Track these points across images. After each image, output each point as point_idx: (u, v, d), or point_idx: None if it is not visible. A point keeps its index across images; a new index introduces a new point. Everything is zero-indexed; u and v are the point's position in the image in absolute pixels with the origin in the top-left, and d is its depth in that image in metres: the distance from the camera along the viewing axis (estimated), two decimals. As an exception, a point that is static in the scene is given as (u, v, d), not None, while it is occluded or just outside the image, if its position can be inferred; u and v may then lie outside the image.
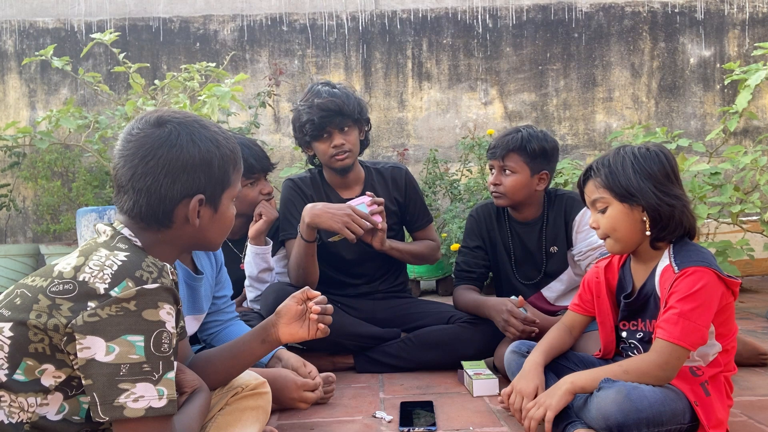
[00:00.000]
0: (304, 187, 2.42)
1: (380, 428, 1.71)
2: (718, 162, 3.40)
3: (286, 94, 4.82)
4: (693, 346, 1.42)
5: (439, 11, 4.85)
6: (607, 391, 1.41)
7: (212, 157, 1.18)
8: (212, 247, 1.29)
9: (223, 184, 1.22)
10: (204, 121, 1.22)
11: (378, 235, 2.19)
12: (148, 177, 1.14)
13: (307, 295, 1.44)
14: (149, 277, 1.05)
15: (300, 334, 1.43)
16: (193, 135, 1.17)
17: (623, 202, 1.51)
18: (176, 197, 1.16)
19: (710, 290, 1.42)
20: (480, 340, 2.24)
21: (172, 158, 1.14)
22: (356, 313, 2.35)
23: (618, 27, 4.87)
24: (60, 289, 1.04)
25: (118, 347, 1.01)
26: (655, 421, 1.38)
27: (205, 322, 1.98)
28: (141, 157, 1.14)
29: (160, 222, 1.17)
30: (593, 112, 4.88)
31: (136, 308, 1.02)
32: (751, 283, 4.10)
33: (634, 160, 1.50)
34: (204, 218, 1.21)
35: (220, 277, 2.00)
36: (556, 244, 2.25)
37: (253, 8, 4.82)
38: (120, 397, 1.00)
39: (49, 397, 1.06)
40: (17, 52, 4.74)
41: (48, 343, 1.04)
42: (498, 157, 2.19)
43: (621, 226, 1.53)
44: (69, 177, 4.51)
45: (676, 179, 1.53)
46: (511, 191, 2.19)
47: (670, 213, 1.48)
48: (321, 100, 2.24)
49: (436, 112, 4.86)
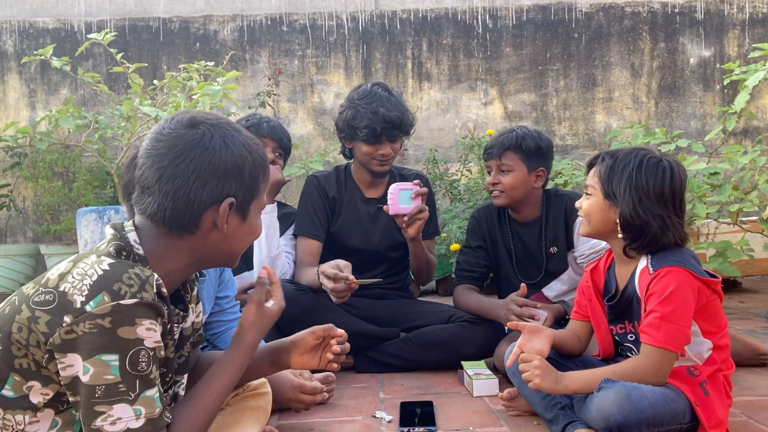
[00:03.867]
0: (327, 186, 2.45)
1: (380, 428, 1.71)
2: (717, 162, 3.40)
3: (286, 94, 4.82)
4: (678, 347, 1.44)
5: (439, 11, 4.85)
6: (607, 392, 1.41)
7: (245, 162, 1.13)
8: (232, 259, 1.23)
9: (253, 191, 1.17)
10: (237, 126, 1.17)
11: (417, 224, 2.20)
12: (177, 179, 1.08)
13: (329, 333, 1.39)
14: (128, 291, 1.00)
15: (311, 364, 1.39)
16: (227, 138, 1.12)
17: (605, 198, 1.55)
18: (205, 202, 1.11)
19: (685, 290, 1.44)
20: (480, 340, 2.24)
21: (204, 161, 1.09)
22: (356, 312, 2.35)
23: (618, 27, 4.87)
24: (41, 299, 1.01)
25: (93, 368, 0.97)
26: (656, 421, 1.38)
27: (209, 322, 1.98)
28: (172, 158, 1.09)
29: (185, 227, 1.12)
30: (593, 113, 4.88)
31: (111, 325, 0.97)
32: (751, 283, 4.10)
33: (636, 168, 1.51)
34: (232, 226, 1.15)
35: (223, 277, 2.01)
36: (556, 244, 2.26)
37: (253, 8, 4.82)
38: (97, 420, 0.97)
39: (38, 415, 1.03)
40: (17, 52, 4.74)
41: (31, 359, 1.01)
42: (495, 157, 2.21)
43: (596, 217, 1.58)
44: (69, 177, 4.51)
45: (674, 199, 1.52)
46: (510, 189, 2.20)
47: (641, 228, 1.49)
48: (386, 111, 2.28)
49: (436, 112, 4.86)
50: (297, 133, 4.78)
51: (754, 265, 3.76)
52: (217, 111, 3.98)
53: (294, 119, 4.83)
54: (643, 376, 1.44)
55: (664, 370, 1.44)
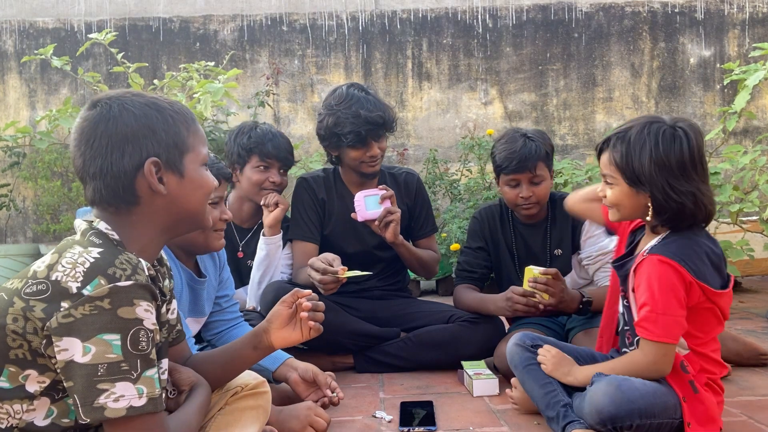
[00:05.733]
0: (316, 187, 2.44)
1: (380, 428, 1.71)
2: (717, 162, 3.40)
3: (286, 94, 4.82)
4: (675, 338, 1.43)
5: (439, 11, 4.85)
6: (599, 384, 1.44)
7: (152, 121, 1.15)
8: (197, 220, 1.23)
9: (178, 147, 1.17)
10: (141, 93, 1.19)
11: (391, 226, 2.20)
12: (97, 158, 1.12)
13: (297, 296, 1.38)
14: (122, 274, 1.02)
15: (293, 337, 1.38)
16: (125, 104, 1.14)
17: (631, 186, 1.48)
18: (130, 170, 1.12)
19: (672, 280, 1.42)
20: (480, 339, 2.24)
21: (111, 132, 1.12)
22: (356, 313, 2.35)
23: (618, 27, 4.87)
24: (34, 290, 1.02)
25: (95, 347, 0.99)
26: (647, 412, 1.39)
27: (210, 322, 1.98)
28: (85, 142, 1.13)
29: (124, 200, 1.14)
30: (593, 112, 4.88)
31: (111, 306, 1.00)
32: (751, 283, 4.09)
33: (654, 146, 1.44)
34: (171, 185, 1.16)
35: (222, 276, 2.01)
36: (561, 246, 2.25)
37: (253, 8, 4.82)
38: (100, 398, 0.98)
39: (35, 403, 1.05)
40: (17, 52, 4.74)
41: (27, 348, 1.02)
42: (530, 170, 2.13)
43: (625, 204, 1.52)
44: (69, 177, 4.50)
45: (696, 166, 1.45)
46: (544, 198, 2.20)
47: (677, 209, 1.45)
48: (368, 113, 2.24)
49: (436, 112, 4.86)
50: (297, 133, 4.78)
51: (754, 265, 3.76)
52: (218, 110, 3.98)
53: (294, 119, 4.83)
54: (642, 370, 1.44)
55: (665, 362, 1.44)
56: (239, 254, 2.49)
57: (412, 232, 2.51)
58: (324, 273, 1.98)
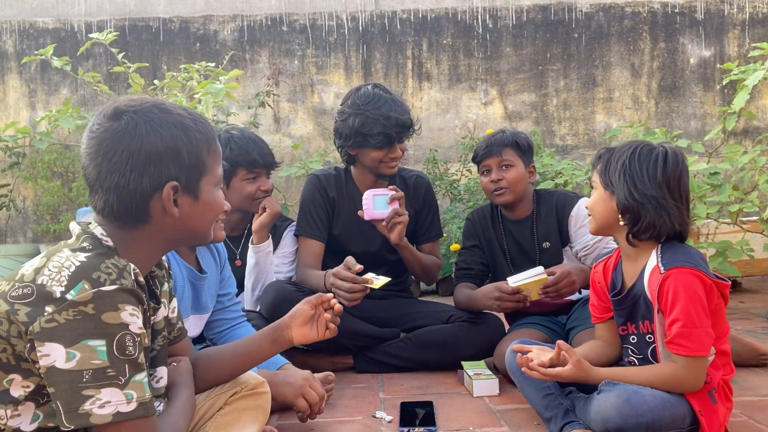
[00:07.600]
0: (327, 186, 2.43)
1: (380, 428, 1.71)
2: (717, 162, 3.40)
3: (286, 94, 4.82)
4: (708, 349, 1.44)
5: (439, 11, 4.85)
6: (608, 395, 1.42)
7: (178, 143, 1.11)
8: (202, 237, 1.22)
9: (198, 170, 1.14)
10: (166, 105, 1.14)
11: (397, 228, 2.20)
12: (115, 174, 1.08)
13: (322, 299, 1.49)
14: (107, 278, 1.00)
15: (311, 335, 1.47)
16: (153, 122, 1.10)
17: (605, 190, 1.58)
18: (147, 191, 1.09)
19: (699, 290, 1.43)
20: (480, 340, 2.24)
21: (133, 150, 1.07)
22: (356, 313, 2.35)
23: (618, 27, 4.87)
24: (19, 293, 1.00)
25: (79, 353, 0.96)
26: (654, 426, 1.39)
27: (211, 321, 1.98)
28: (104, 154, 1.08)
29: (135, 219, 1.11)
30: (593, 113, 4.88)
31: (95, 311, 0.98)
32: (751, 283, 4.09)
33: (631, 156, 1.54)
34: (184, 207, 1.14)
35: (223, 274, 2.01)
36: (548, 239, 2.30)
37: (253, 8, 4.82)
38: (85, 404, 0.97)
39: (20, 408, 1.03)
40: (17, 52, 4.74)
41: (11, 352, 1.00)
42: (496, 154, 2.24)
43: (598, 208, 1.60)
44: (69, 177, 4.50)
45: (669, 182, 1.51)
46: (514, 184, 2.23)
47: (638, 211, 1.50)
48: (399, 115, 2.24)
49: (436, 112, 4.86)
50: (297, 133, 4.78)
51: (754, 265, 3.76)
52: (218, 110, 3.98)
53: (294, 119, 4.83)
54: (683, 384, 1.45)
55: (700, 374, 1.45)
56: (237, 262, 2.47)
57: (416, 236, 2.50)
58: (353, 281, 1.97)
